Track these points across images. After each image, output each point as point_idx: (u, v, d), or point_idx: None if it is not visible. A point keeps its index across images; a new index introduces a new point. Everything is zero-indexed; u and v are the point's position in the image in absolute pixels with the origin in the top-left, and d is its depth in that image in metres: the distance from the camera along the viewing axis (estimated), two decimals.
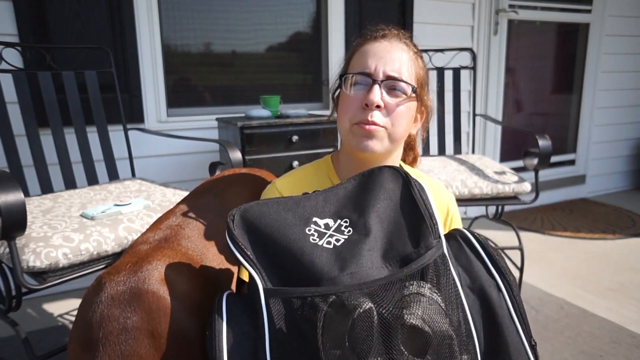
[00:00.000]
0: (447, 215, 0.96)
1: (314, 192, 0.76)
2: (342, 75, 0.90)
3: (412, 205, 0.71)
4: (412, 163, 1.06)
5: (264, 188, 1.01)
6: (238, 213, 0.71)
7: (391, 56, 0.85)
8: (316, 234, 0.67)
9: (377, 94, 0.83)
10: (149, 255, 0.77)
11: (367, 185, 0.75)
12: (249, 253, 0.66)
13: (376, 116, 0.83)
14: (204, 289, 0.78)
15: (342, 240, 0.66)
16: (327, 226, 0.69)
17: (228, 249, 0.69)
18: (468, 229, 0.76)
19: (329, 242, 0.66)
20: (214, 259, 0.88)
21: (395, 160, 0.93)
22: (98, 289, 0.71)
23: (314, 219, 0.70)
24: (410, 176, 0.75)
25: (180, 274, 0.75)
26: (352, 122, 0.85)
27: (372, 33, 0.90)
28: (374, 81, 0.83)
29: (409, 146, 1.03)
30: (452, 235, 0.75)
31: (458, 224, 0.97)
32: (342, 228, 0.69)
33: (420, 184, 0.75)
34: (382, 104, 0.83)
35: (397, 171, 0.76)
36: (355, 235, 0.67)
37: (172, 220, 0.92)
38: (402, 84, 0.84)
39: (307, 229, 0.68)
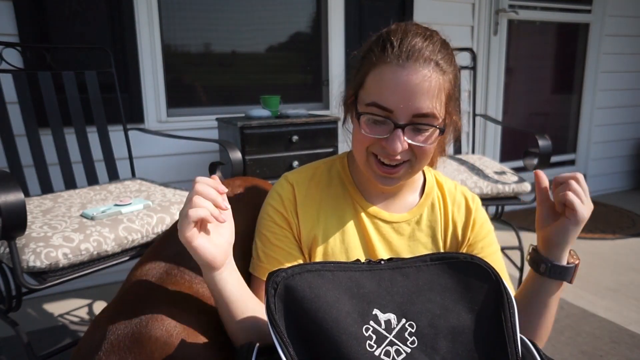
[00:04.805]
0: (470, 223, 0.87)
1: (379, 261, 0.66)
2: (357, 89, 0.78)
3: (497, 332, 0.60)
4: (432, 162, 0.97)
5: (261, 199, 0.94)
6: (283, 283, 0.59)
7: (417, 90, 0.70)
8: (374, 337, 0.57)
9: (399, 142, 0.71)
10: (151, 294, 0.71)
11: (448, 280, 0.64)
12: (290, 351, 0.55)
13: (398, 155, 0.74)
14: (211, 329, 0.71)
15: (403, 355, 0.57)
16: (388, 325, 0.59)
17: (266, 327, 0.58)
18: (539, 352, 0.63)
19: (387, 353, 0.56)
20: None
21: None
22: (96, 333, 0.65)
23: (374, 310, 0.59)
24: (506, 289, 0.62)
25: (184, 315, 0.69)
26: (369, 151, 0.76)
27: (393, 47, 0.72)
28: (397, 125, 0.71)
29: None
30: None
31: (486, 235, 0.88)
32: (406, 335, 0.58)
33: (513, 306, 0.61)
34: (405, 148, 0.73)
35: (489, 273, 0.64)
36: (419, 352, 0.57)
37: (172, 248, 0.84)
38: (430, 124, 0.73)
39: (364, 327, 0.58)
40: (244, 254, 0.91)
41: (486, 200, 1.85)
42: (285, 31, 2.37)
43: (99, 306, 1.92)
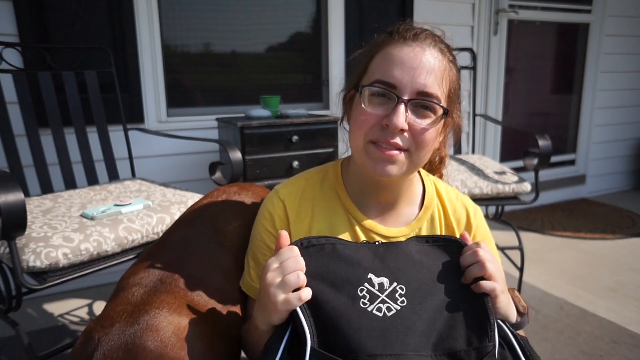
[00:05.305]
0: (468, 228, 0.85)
1: (375, 242, 0.71)
2: (359, 79, 0.77)
3: (478, 296, 0.66)
4: (439, 166, 0.95)
5: (257, 206, 0.92)
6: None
7: (422, 67, 0.70)
8: (368, 296, 0.64)
9: (402, 116, 0.69)
10: (145, 303, 0.69)
11: (438, 254, 0.70)
12: (306, 305, 0.63)
13: (398, 138, 0.71)
14: (207, 340, 0.70)
15: (394, 312, 0.63)
16: (381, 287, 0.65)
17: None
18: (510, 329, 0.68)
19: (379, 309, 0.62)
20: (218, 299, 0.79)
21: (415, 175, 0.83)
22: (88, 344, 0.63)
23: (369, 275, 0.66)
24: None
25: (181, 326, 0.67)
26: (367, 139, 0.73)
27: (400, 31, 0.74)
28: (399, 99, 0.69)
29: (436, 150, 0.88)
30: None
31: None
32: (397, 295, 0.64)
33: None
34: (406, 127, 0.70)
35: None
36: (407, 310, 0.63)
37: (166, 256, 0.82)
38: (433, 102, 0.71)
39: (359, 288, 0.64)
40: (240, 265, 0.90)
41: (486, 200, 1.85)
42: (285, 31, 2.37)
43: (99, 306, 1.92)
